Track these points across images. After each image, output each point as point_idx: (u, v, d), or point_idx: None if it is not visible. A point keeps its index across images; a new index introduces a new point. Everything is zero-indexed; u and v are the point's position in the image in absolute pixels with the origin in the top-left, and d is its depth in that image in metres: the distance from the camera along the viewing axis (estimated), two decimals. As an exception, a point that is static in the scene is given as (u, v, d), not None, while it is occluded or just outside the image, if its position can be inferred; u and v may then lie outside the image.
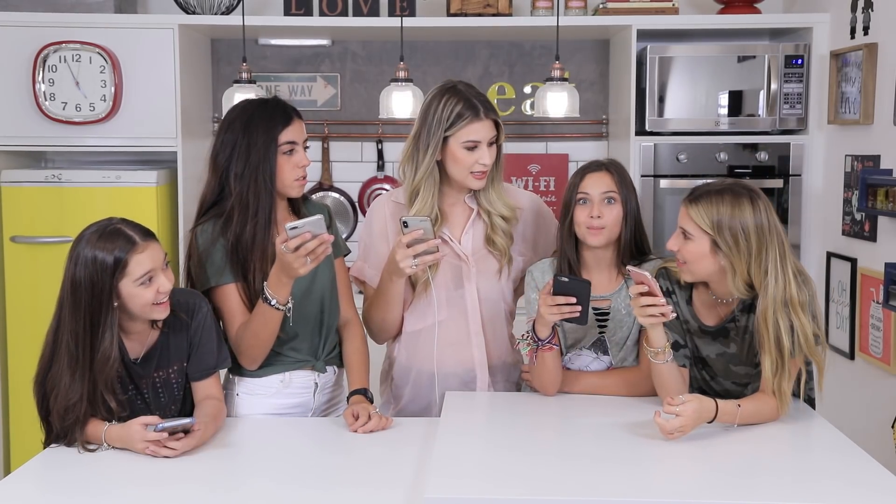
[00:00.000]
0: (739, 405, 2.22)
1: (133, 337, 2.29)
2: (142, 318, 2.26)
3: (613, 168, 2.48)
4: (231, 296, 2.44)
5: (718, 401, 2.20)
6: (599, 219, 2.43)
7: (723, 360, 2.40)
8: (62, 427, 2.20)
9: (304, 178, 2.49)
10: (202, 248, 2.45)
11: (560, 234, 2.53)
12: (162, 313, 2.25)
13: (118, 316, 2.21)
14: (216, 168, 2.48)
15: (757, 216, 2.25)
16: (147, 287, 2.20)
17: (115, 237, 2.19)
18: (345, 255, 2.68)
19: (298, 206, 2.58)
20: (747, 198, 2.27)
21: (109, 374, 2.20)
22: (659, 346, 2.29)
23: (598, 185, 2.45)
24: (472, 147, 2.48)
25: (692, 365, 2.43)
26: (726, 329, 2.37)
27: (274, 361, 2.49)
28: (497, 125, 2.51)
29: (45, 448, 2.26)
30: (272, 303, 2.33)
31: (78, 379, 2.18)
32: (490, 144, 2.49)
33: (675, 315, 2.27)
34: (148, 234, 2.24)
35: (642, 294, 2.23)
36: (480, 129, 2.48)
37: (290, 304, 2.36)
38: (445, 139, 2.48)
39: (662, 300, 2.22)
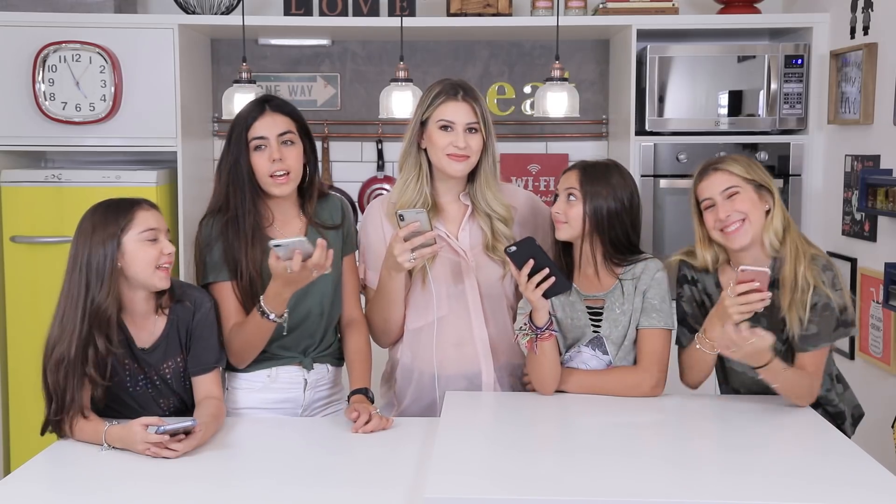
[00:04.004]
0: (785, 368, 2.29)
1: (138, 323, 2.31)
2: (143, 287, 2.28)
3: (584, 167, 2.51)
4: (226, 294, 2.47)
5: (774, 355, 2.28)
6: (559, 214, 2.50)
7: None
8: (54, 388, 2.21)
9: (284, 174, 2.45)
10: (203, 244, 2.50)
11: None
12: (163, 281, 2.28)
13: (119, 285, 2.24)
14: (217, 169, 2.54)
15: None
16: (151, 246, 2.25)
17: (116, 203, 2.28)
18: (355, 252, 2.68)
19: (311, 204, 2.57)
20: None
21: (102, 319, 2.22)
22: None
23: (564, 183, 2.52)
24: (446, 127, 2.49)
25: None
26: None
27: (260, 357, 2.52)
28: (476, 112, 2.50)
29: (42, 432, 2.28)
30: (270, 317, 2.37)
31: (68, 329, 2.21)
32: (470, 131, 2.49)
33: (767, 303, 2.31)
34: (148, 202, 2.31)
35: (743, 293, 2.28)
36: (455, 110, 2.49)
37: (285, 316, 2.40)
38: (425, 122, 2.52)
39: (767, 293, 2.27)
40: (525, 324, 2.45)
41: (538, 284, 2.36)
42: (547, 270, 2.35)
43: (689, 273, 2.52)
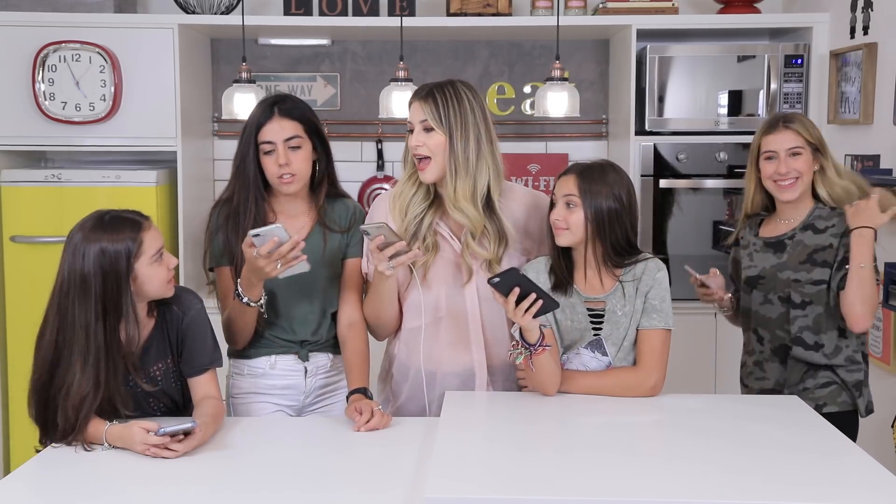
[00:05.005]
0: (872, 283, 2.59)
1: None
2: (148, 301, 2.30)
3: (581, 172, 2.48)
4: (228, 277, 2.57)
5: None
6: (559, 221, 2.47)
7: (773, 270, 2.70)
8: (75, 421, 2.20)
9: (291, 176, 2.53)
10: (212, 229, 2.59)
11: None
12: (171, 290, 2.33)
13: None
14: (233, 160, 2.62)
15: None
16: (160, 264, 2.26)
17: (118, 223, 2.24)
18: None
19: (319, 199, 2.63)
20: None
21: (134, 356, 2.25)
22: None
23: (562, 189, 2.49)
24: (411, 130, 2.50)
25: (744, 293, 2.81)
26: (784, 243, 2.71)
27: (261, 344, 2.60)
28: (427, 110, 2.45)
29: (39, 449, 2.27)
30: (244, 300, 2.44)
31: (91, 368, 2.19)
32: (426, 130, 2.46)
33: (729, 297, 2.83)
34: (145, 216, 2.31)
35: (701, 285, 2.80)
36: (413, 110, 2.50)
37: (262, 301, 2.47)
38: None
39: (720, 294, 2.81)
40: (516, 342, 2.42)
41: (527, 310, 2.33)
42: (534, 295, 2.32)
43: (742, 232, 2.82)
